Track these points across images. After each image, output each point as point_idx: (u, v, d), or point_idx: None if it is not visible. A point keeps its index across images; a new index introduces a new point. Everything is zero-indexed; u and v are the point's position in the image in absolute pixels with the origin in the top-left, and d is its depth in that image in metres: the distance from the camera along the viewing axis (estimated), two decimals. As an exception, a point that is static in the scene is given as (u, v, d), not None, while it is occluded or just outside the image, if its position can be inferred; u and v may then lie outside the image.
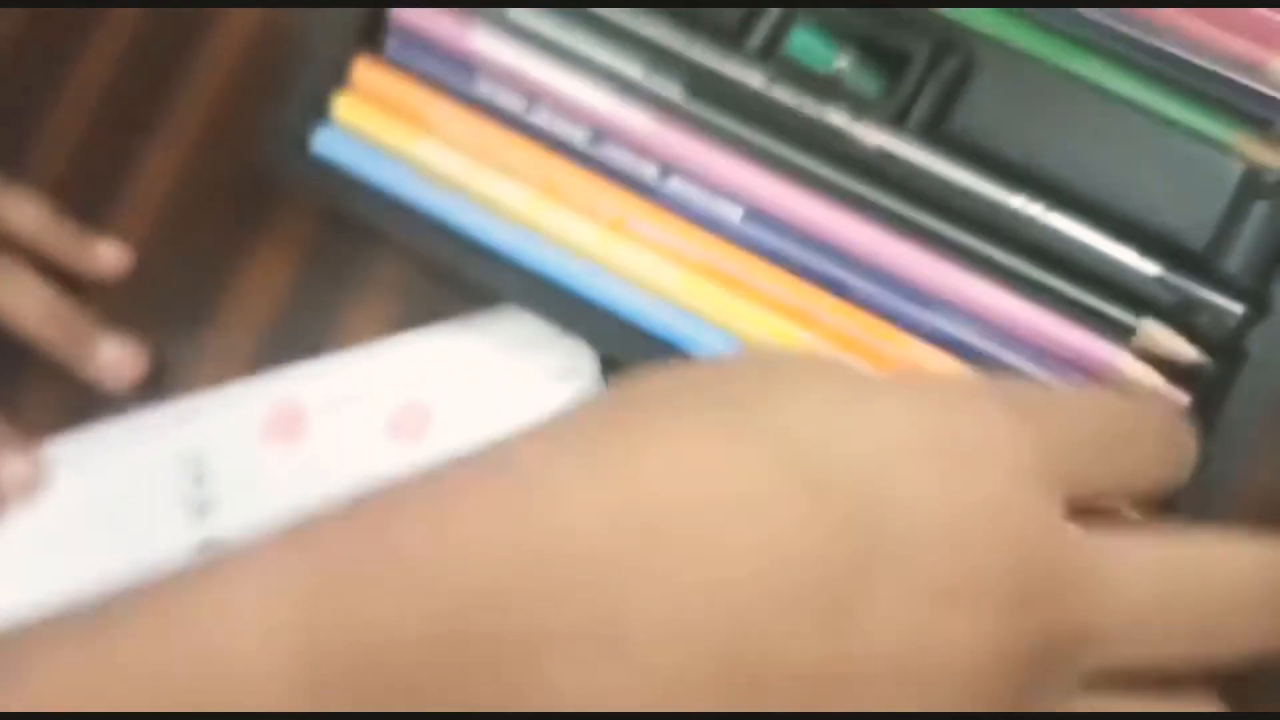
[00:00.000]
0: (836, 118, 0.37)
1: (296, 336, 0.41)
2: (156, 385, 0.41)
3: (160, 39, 0.43)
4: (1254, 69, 0.35)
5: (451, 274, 0.38)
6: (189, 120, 0.42)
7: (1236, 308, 0.35)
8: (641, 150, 0.37)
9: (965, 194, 0.36)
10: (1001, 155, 0.36)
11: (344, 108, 0.39)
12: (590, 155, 0.38)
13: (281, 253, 0.41)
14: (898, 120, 0.36)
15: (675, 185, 0.37)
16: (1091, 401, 0.25)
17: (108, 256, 0.42)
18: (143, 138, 0.42)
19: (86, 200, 0.42)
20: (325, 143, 0.39)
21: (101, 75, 0.43)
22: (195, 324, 0.41)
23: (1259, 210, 0.35)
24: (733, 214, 0.37)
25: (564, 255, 0.37)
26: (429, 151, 0.38)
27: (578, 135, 0.38)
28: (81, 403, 0.41)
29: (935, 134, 0.36)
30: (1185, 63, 0.35)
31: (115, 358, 0.41)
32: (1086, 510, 0.23)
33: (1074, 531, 0.22)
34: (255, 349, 0.41)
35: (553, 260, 0.37)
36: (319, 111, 0.39)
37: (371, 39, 0.39)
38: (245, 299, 0.41)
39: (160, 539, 0.40)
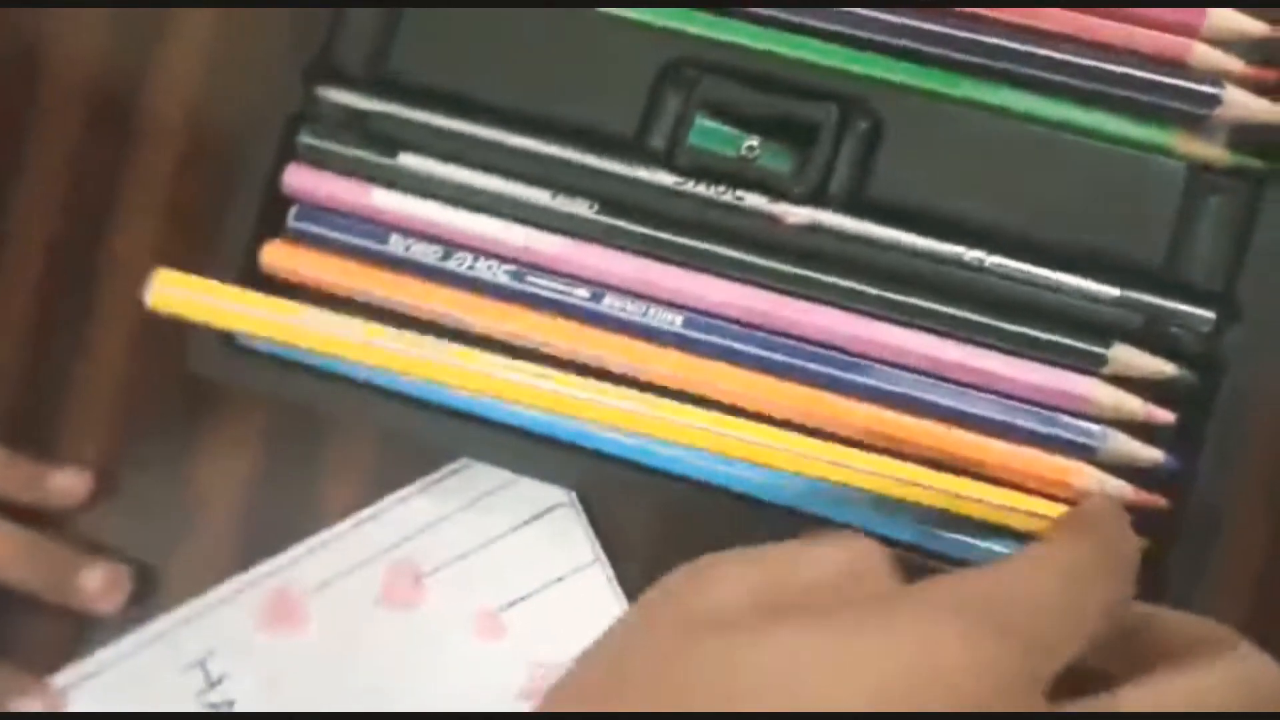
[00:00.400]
0: (756, 201, 0.35)
1: (275, 523, 0.40)
2: (148, 599, 0.41)
3: (73, 255, 0.42)
4: (1175, 62, 0.33)
5: (408, 439, 0.37)
6: (116, 332, 0.41)
7: (1207, 314, 0.33)
8: (567, 275, 0.36)
9: (904, 256, 0.34)
10: (932, 209, 0.34)
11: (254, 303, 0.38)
12: (517, 290, 0.36)
13: (241, 445, 0.40)
14: (818, 193, 0.35)
15: (610, 304, 0.36)
16: (1051, 571, 0.23)
17: (68, 485, 0.41)
18: (77, 357, 0.41)
19: (33, 429, 0.41)
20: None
21: (22, 303, 0.42)
22: (173, 531, 0.41)
23: (1211, 208, 0.33)
24: (674, 321, 0.36)
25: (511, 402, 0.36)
26: (353, 330, 0.37)
27: (500, 274, 0.36)
28: (79, 632, 0.41)
29: (859, 201, 0.35)
30: (1101, 71, 0.34)
31: (101, 584, 0.40)
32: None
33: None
34: (237, 543, 0.40)
35: (503, 407, 0.36)
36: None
37: (274, 221, 0.38)
38: (217, 498, 0.41)
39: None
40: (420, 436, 0.37)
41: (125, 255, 0.41)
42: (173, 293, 0.35)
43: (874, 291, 0.34)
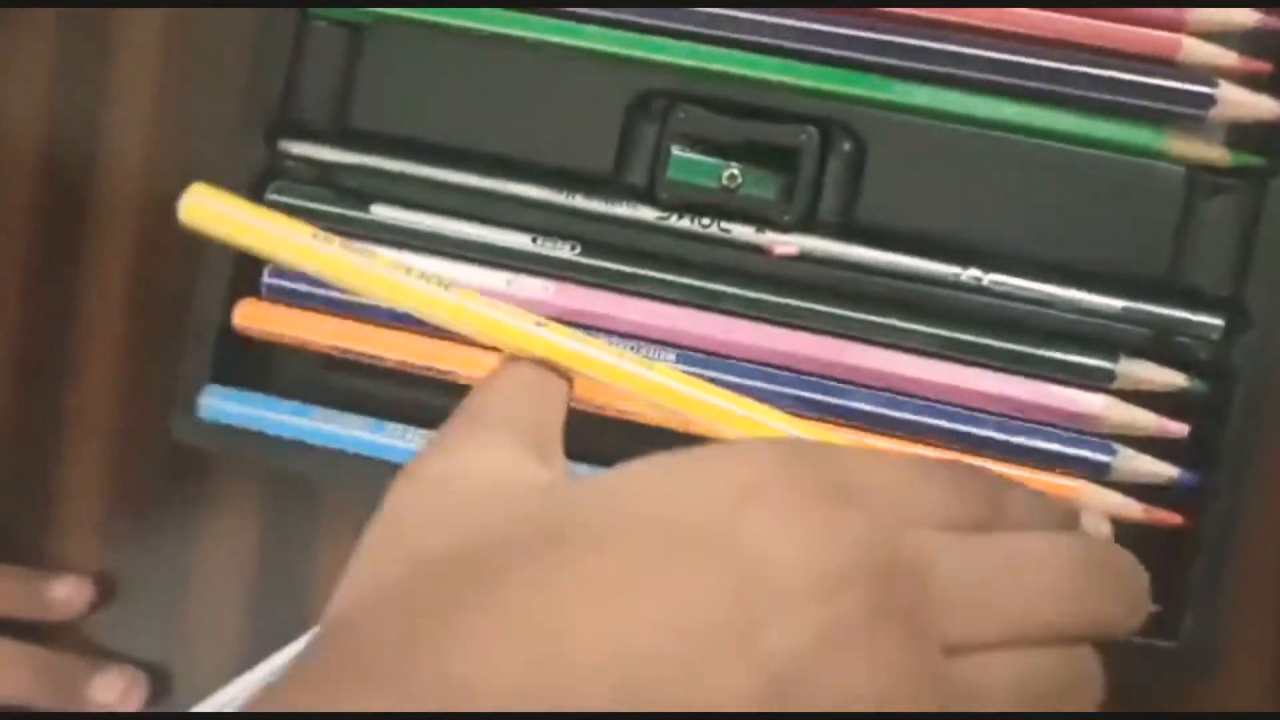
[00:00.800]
0: (743, 232, 0.34)
1: (283, 606, 0.39)
2: (163, 698, 0.40)
3: (42, 345, 0.41)
4: (1164, 60, 0.32)
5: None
6: (95, 432, 0.40)
7: (1216, 322, 0.32)
8: (554, 319, 0.35)
9: (898, 279, 0.33)
10: (924, 229, 0.33)
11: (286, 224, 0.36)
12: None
13: (239, 531, 0.39)
14: (806, 220, 0.34)
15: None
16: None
17: (68, 595, 0.40)
18: (56, 461, 0.40)
19: (21, 541, 0.40)
20: (216, 407, 0.36)
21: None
22: (179, 627, 0.39)
23: (1213, 211, 0.32)
24: (668, 359, 0.34)
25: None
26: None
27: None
28: None
29: (849, 225, 0.33)
30: (1088, 76, 0.32)
31: (113, 693, 0.39)
32: None
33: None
34: (246, 634, 0.39)
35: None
36: (223, 376, 0.36)
37: (249, 281, 0.36)
38: (220, 587, 0.39)
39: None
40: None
41: (95, 345, 0.40)
42: (205, 205, 0.33)
43: (870, 318, 0.33)
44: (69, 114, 0.40)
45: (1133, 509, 0.32)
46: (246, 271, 0.36)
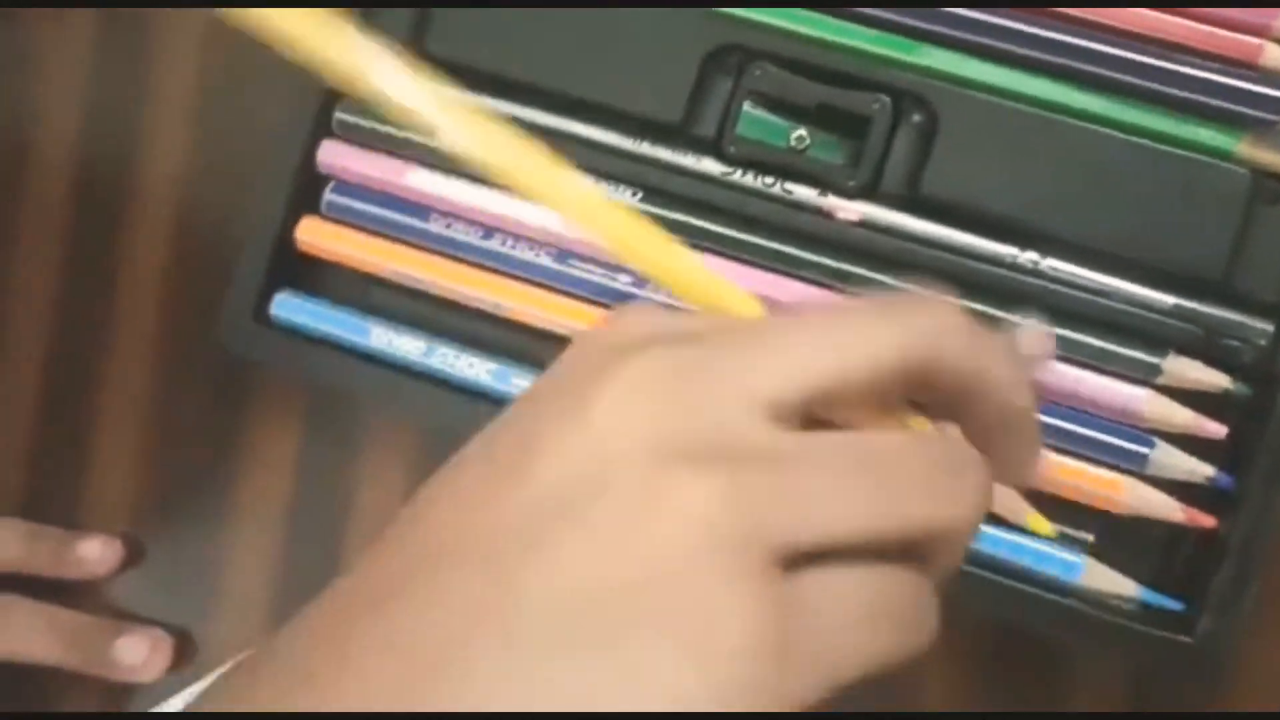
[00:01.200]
0: (805, 194, 0.34)
1: (309, 576, 0.39)
2: (188, 661, 0.40)
3: (81, 299, 0.41)
4: (1244, 65, 0.32)
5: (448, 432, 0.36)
6: (129, 394, 0.40)
7: (1266, 326, 0.32)
8: (610, 262, 0.35)
9: (956, 254, 0.33)
10: (987, 208, 0.33)
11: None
12: (560, 273, 0.36)
13: (270, 497, 0.39)
14: (870, 188, 0.34)
15: (653, 290, 0.35)
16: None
17: (96, 557, 0.40)
18: (91, 426, 0.41)
19: (53, 502, 0.41)
20: (288, 309, 0.37)
21: (30, 375, 0.41)
22: (205, 593, 0.40)
23: (1273, 218, 0.32)
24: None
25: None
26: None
27: (543, 255, 0.36)
28: (121, 701, 0.40)
29: (913, 197, 0.34)
30: (1167, 71, 0.32)
31: (140, 655, 0.39)
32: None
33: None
34: (272, 601, 0.39)
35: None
36: (276, 283, 0.37)
37: (309, 199, 0.37)
38: (247, 553, 0.40)
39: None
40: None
41: (141, 271, 0.40)
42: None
43: (924, 291, 0.33)
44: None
45: (1173, 510, 0.32)
46: (305, 191, 0.37)
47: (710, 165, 0.35)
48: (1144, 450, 0.32)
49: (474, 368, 0.35)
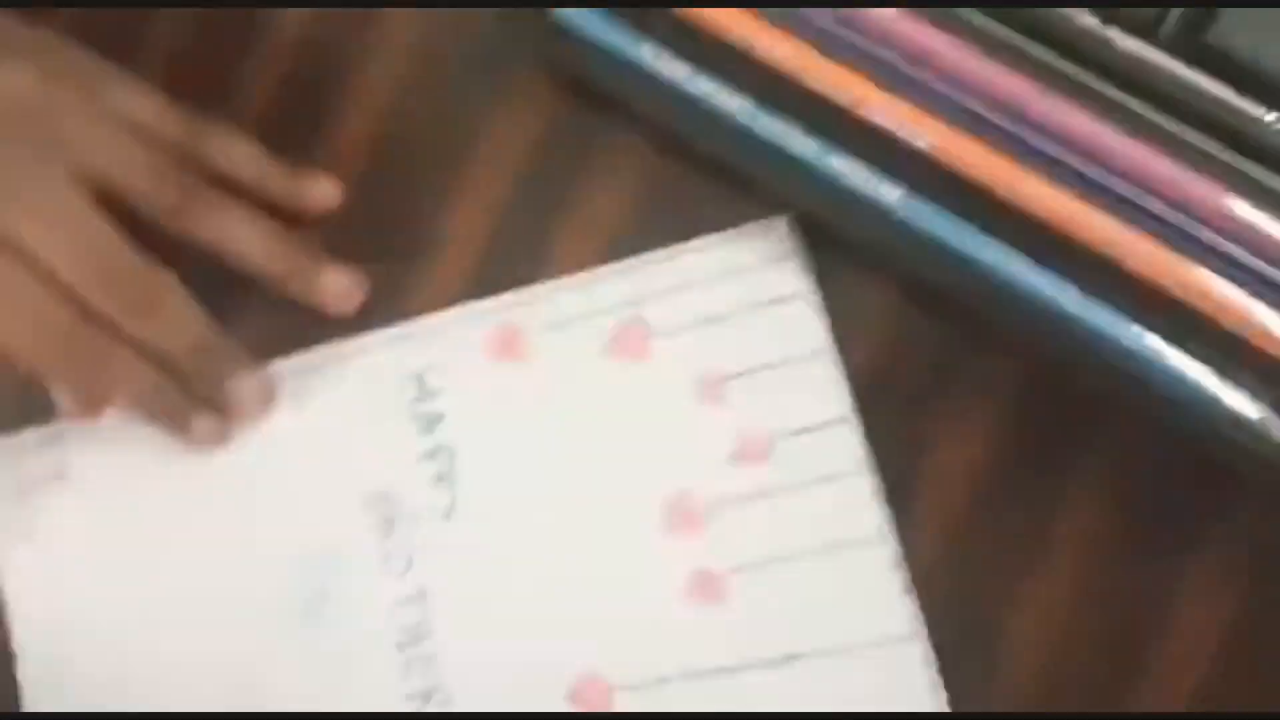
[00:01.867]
0: (1088, 22, 0.35)
1: (514, 260, 0.41)
2: (377, 311, 0.42)
3: None
4: None
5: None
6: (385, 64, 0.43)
7: None
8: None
9: (1215, 105, 0.34)
10: (1259, 70, 0.33)
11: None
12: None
13: (496, 179, 0.41)
14: (1151, 27, 0.34)
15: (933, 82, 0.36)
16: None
17: (321, 192, 0.42)
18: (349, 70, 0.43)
19: (292, 137, 0.42)
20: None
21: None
22: (414, 252, 0.42)
23: None
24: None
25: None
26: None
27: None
28: (304, 331, 0.42)
29: (1189, 44, 0.34)
30: None
31: (338, 287, 0.41)
32: None
33: None
34: (475, 273, 0.41)
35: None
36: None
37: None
38: (462, 225, 0.41)
39: (391, 449, 0.41)
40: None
41: None
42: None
43: (1182, 131, 0.34)
44: None
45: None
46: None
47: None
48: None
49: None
